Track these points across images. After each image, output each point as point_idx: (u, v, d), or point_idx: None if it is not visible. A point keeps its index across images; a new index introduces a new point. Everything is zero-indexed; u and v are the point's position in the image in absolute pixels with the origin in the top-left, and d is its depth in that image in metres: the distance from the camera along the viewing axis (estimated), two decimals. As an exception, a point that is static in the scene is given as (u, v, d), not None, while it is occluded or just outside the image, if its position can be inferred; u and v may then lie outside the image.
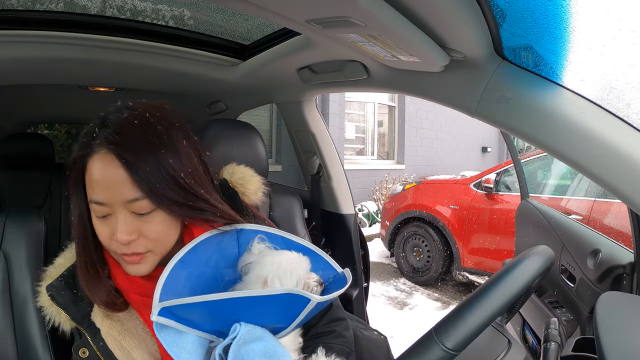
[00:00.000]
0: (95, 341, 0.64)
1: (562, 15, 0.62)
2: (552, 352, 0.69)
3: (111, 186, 0.58)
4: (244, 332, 0.59)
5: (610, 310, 0.60)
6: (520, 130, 0.79)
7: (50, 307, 0.67)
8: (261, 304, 0.58)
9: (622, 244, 1.08)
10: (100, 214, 0.61)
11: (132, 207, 0.60)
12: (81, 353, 0.64)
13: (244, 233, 0.71)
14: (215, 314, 0.59)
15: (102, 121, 0.64)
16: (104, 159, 0.59)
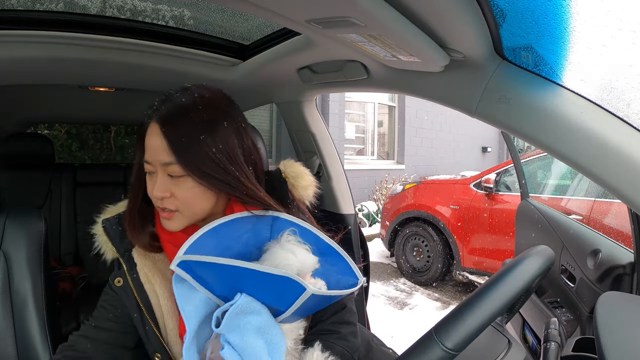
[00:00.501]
0: (131, 273, 0.75)
1: (562, 15, 0.62)
2: (552, 352, 0.69)
3: (154, 149, 0.70)
4: (243, 301, 0.63)
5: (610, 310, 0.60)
6: (520, 130, 0.79)
7: (101, 236, 0.79)
8: (262, 281, 0.62)
9: (622, 244, 1.09)
10: (147, 170, 0.73)
11: (167, 170, 0.71)
12: (116, 282, 0.76)
13: (279, 221, 0.76)
14: (225, 278, 0.64)
15: (164, 97, 0.74)
16: (153, 128, 0.71)
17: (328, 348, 0.72)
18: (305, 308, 0.65)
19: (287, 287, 0.61)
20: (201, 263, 0.62)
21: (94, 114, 2.33)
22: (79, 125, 3.96)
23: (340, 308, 0.81)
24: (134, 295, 0.75)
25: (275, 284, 0.62)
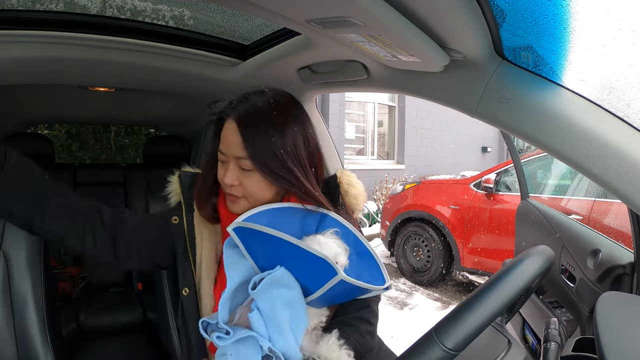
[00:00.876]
0: (187, 216, 0.88)
1: (562, 15, 0.62)
2: (552, 352, 0.69)
3: (230, 143, 0.81)
4: (281, 273, 0.71)
5: (610, 310, 0.60)
6: (520, 130, 0.79)
7: (175, 183, 0.93)
8: (301, 258, 0.69)
9: (622, 244, 1.08)
10: (221, 159, 0.84)
11: (239, 162, 0.81)
12: (173, 219, 0.88)
13: (327, 220, 0.85)
14: (269, 250, 0.72)
15: (243, 97, 0.85)
16: (231, 124, 0.81)
17: (344, 337, 0.76)
18: (332, 294, 0.72)
19: (321, 269, 0.68)
20: (253, 232, 0.70)
21: (94, 114, 2.33)
22: (79, 125, 3.96)
23: (364, 306, 0.87)
24: (184, 232, 0.87)
25: (311, 264, 0.69)
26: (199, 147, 1.14)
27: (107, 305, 1.93)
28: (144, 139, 3.93)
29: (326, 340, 0.75)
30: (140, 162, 3.25)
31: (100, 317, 1.85)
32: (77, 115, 2.47)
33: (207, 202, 0.89)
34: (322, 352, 0.73)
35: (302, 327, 0.71)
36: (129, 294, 2.10)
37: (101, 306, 1.91)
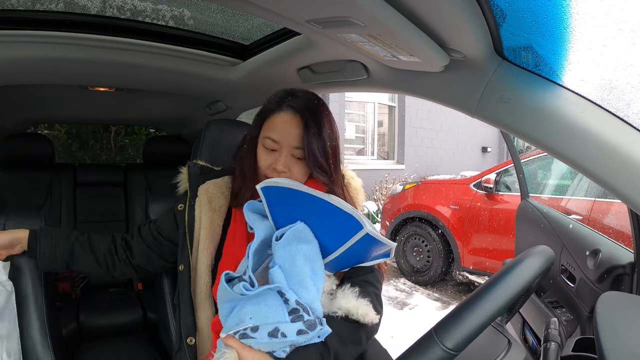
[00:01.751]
0: (191, 202, 0.97)
1: (562, 15, 0.62)
2: (552, 352, 0.69)
3: (288, 133, 0.88)
4: (301, 227, 0.76)
5: (610, 310, 0.60)
6: (520, 130, 0.79)
7: (184, 173, 1.03)
8: (326, 215, 0.73)
9: (622, 244, 1.08)
10: (269, 147, 0.89)
11: (292, 151, 0.89)
12: (178, 207, 0.98)
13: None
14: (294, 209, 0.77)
15: (290, 93, 0.93)
16: (289, 115, 0.89)
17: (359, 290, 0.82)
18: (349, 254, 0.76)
19: (347, 224, 0.72)
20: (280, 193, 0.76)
21: (94, 114, 2.33)
22: (79, 125, 3.96)
23: (368, 271, 0.91)
24: (185, 216, 0.96)
25: (337, 220, 0.73)
26: (199, 147, 1.14)
27: (107, 305, 1.93)
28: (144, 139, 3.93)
29: (342, 291, 0.79)
30: (140, 162, 3.24)
31: (100, 317, 1.84)
32: (77, 115, 2.47)
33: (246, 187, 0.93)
34: (341, 303, 0.77)
35: (321, 281, 0.75)
36: (129, 294, 2.10)
37: (101, 306, 1.91)
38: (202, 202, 0.97)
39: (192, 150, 1.18)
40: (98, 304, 1.92)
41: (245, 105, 1.81)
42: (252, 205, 0.85)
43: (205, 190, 0.98)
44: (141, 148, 2.78)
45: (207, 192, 0.98)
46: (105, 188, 2.32)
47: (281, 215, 0.80)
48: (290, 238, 0.74)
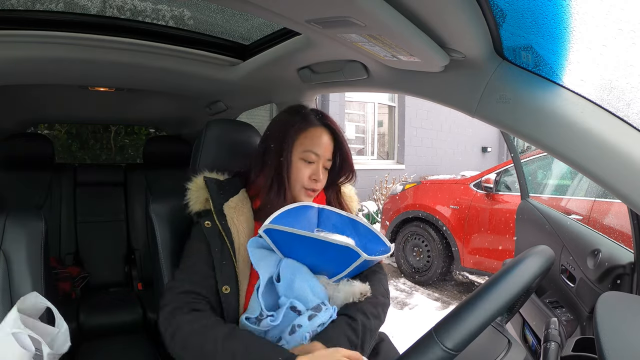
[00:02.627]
0: (219, 219, 0.93)
1: (562, 15, 0.62)
2: (552, 352, 0.69)
3: (325, 147, 0.98)
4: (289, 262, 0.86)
5: (610, 310, 0.60)
6: (520, 130, 0.79)
7: (197, 190, 0.98)
8: (328, 249, 0.81)
9: (622, 244, 1.08)
10: (310, 160, 0.97)
11: (326, 163, 0.99)
12: (206, 224, 0.93)
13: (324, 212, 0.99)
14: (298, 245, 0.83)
15: (317, 111, 1.03)
16: (323, 130, 0.99)
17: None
18: (355, 271, 0.86)
19: (346, 254, 0.81)
20: (282, 231, 0.81)
21: (94, 114, 2.33)
22: (79, 125, 3.96)
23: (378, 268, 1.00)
24: (219, 232, 0.92)
25: (337, 252, 0.81)
26: (199, 147, 1.14)
27: (107, 305, 1.93)
28: (144, 139, 3.93)
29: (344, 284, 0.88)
30: (140, 162, 3.24)
31: (100, 317, 1.85)
32: (77, 115, 2.47)
33: (280, 197, 0.95)
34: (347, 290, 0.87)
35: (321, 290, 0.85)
36: (129, 294, 2.10)
37: (101, 306, 1.91)
38: (237, 220, 0.95)
39: (193, 150, 1.18)
40: (98, 304, 1.92)
41: (245, 105, 1.81)
42: (255, 242, 0.88)
43: (234, 208, 0.96)
44: (141, 148, 2.78)
45: (235, 210, 0.96)
46: (105, 188, 2.32)
47: (287, 250, 0.86)
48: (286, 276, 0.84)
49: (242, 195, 0.98)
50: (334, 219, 0.97)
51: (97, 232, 2.22)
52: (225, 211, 0.94)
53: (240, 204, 0.97)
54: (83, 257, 2.19)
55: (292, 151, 0.96)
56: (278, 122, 1.02)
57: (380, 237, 0.94)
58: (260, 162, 0.99)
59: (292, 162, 0.96)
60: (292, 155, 0.96)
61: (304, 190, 0.97)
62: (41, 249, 1.03)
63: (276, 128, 1.00)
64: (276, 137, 0.98)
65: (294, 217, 0.89)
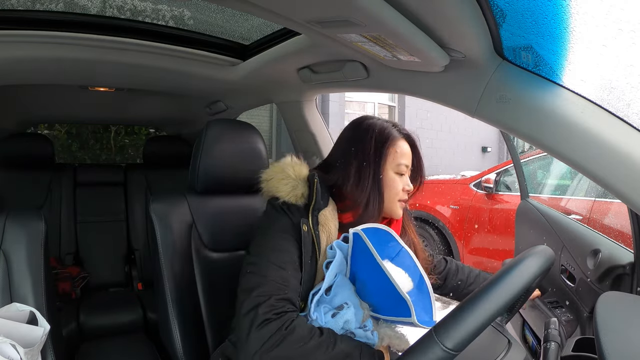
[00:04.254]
0: (315, 227, 0.87)
1: (562, 15, 0.62)
2: (552, 352, 0.69)
3: (410, 157, 0.97)
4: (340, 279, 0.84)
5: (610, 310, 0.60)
6: (520, 130, 0.79)
7: (301, 181, 0.91)
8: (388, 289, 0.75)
9: (622, 244, 1.08)
10: (403, 172, 0.95)
11: (409, 171, 0.97)
12: (303, 227, 0.86)
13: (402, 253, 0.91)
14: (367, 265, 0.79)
15: (392, 122, 0.98)
16: (405, 142, 0.96)
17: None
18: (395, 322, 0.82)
19: (399, 306, 0.74)
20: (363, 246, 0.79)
21: (94, 114, 2.33)
22: (79, 125, 3.96)
23: None
24: (313, 245, 0.86)
25: (393, 298, 0.75)
26: (200, 147, 1.14)
27: (107, 305, 1.93)
28: (144, 139, 3.93)
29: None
30: (140, 162, 3.24)
31: (100, 317, 1.84)
32: (77, 115, 2.47)
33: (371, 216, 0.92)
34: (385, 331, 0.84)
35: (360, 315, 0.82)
36: (129, 294, 2.10)
37: (101, 306, 1.91)
38: (323, 232, 0.89)
39: (193, 150, 1.18)
40: (98, 304, 1.92)
41: (245, 105, 1.81)
42: (338, 244, 0.86)
43: (328, 218, 0.91)
44: (141, 148, 2.78)
45: (327, 219, 0.90)
46: (105, 188, 2.32)
47: (357, 264, 0.83)
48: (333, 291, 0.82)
49: (333, 205, 0.94)
50: (408, 264, 0.89)
51: (97, 232, 2.22)
52: (320, 219, 0.89)
53: (332, 215, 0.92)
54: (83, 257, 2.19)
55: (386, 167, 0.94)
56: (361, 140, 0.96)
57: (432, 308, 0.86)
58: (352, 180, 0.93)
59: (388, 177, 0.94)
60: (387, 171, 0.94)
61: (399, 202, 0.97)
62: (41, 249, 1.03)
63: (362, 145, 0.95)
64: (366, 155, 0.93)
65: (379, 238, 0.86)
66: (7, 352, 0.79)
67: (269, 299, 0.75)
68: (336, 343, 0.75)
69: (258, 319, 0.73)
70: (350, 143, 0.97)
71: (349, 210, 0.94)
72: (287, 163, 0.94)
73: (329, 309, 0.80)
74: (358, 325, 0.81)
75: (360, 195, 0.92)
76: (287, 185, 0.90)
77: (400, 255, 0.90)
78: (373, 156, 0.93)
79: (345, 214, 0.94)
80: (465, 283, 1.14)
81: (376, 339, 0.80)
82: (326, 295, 0.81)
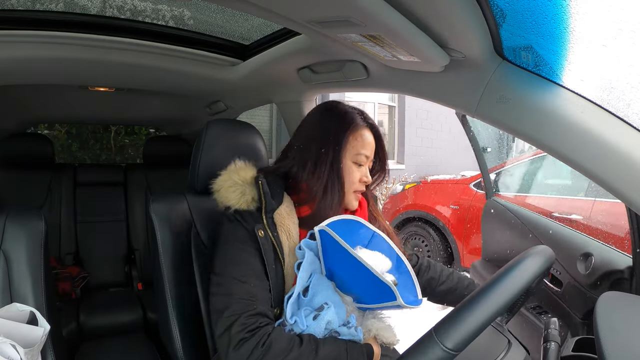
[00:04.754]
0: (271, 230, 0.84)
1: (562, 15, 0.62)
2: (552, 352, 0.69)
3: (372, 148, 0.94)
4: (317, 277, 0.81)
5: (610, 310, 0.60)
6: (520, 130, 0.79)
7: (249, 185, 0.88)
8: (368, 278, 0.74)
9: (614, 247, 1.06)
10: (361, 162, 0.92)
11: (370, 164, 0.95)
12: (259, 232, 0.83)
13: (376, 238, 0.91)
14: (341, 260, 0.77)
15: (360, 110, 0.96)
16: (368, 131, 0.93)
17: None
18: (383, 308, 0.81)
19: (383, 291, 0.74)
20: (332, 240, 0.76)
21: (94, 114, 2.33)
22: (79, 125, 3.96)
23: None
24: (274, 248, 0.83)
25: (375, 285, 0.74)
26: (200, 147, 1.14)
27: (107, 305, 1.93)
28: (144, 139, 3.93)
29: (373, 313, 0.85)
30: (140, 162, 3.24)
31: (100, 317, 1.84)
32: (77, 115, 2.47)
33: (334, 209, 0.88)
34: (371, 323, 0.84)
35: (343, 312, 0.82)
36: (129, 294, 2.10)
37: (101, 306, 1.91)
38: (282, 232, 0.86)
39: (193, 150, 1.18)
40: (98, 304, 1.92)
41: (245, 105, 1.81)
42: (305, 243, 0.83)
43: (283, 217, 0.88)
44: (141, 148, 2.78)
45: (285, 219, 0.87)
46: (105, 188, 2.32)
47: (330, 259, 0.81)
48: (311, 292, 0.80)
49: (288, 201, 0.90)
50: (383, 247, 0.89)
51: (97, 232, 2.22)
52: (275, 219, 0.86)
53: (289, 212, 0.89)
54: (83, 257, 2.19)
55: (345, 155, 0.90)
56: (322, 124, 0.93)
57: (415, 287, 0.88)
58: (309, 166, 0.89)
59: (346, 166, 0.91)
60: (346, 159, 0.91)
61: (355, 193, 0.93)
62: (41, 249, 1.03)
63: (322, 131, 0.92)
64: (325, 141, 0.90)
65: (348, 228, 0.85)
66: (7, 352, 0.78)
67: (239, 318, 0.74)
68: (318, 349, 0.73)
69: (233, 340, 0.73)
70: (311, 126, 0.95)
71: (306, 202, 0.90)
72: (232, 169, 0.90)
73: (310, 311, 0.78)
74: (341, 322, 0.79)
75: (316, 183, 0.88)
76: (235, 192, 0.87)
77: (374, 240, 0.90)
78: (333, 142, 0.89)
79: (303, 207, 0.91)
80: (437, 281, 1.08)
81: (361, 335, 0.79)
82: (304, 297, 0.79)
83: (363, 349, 0.78)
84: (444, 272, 1.10)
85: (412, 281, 0.87)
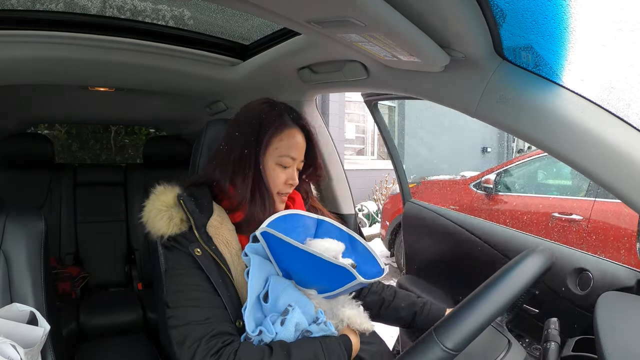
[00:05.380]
0: (208, 245, 0.82)
1: (562, 15, 0.62)
2: (552, 352, 0.69)
3: (301, 149, 0.91)
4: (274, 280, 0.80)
5: (610, 310, 0.60)
6: (520, 130, 0.79)
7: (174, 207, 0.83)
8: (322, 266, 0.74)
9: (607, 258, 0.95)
10: (286, 165, 0.89)
11: (299, 165, 0.93)
12: (196, 252, 0.80)
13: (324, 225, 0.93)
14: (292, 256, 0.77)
15: (290, 108, 0.93)
16: (297, 131, 0.91)
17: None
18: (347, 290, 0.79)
19: (341, 274, 0.74)
20: (277, 238, 0.75)
21: (94, 114, 2.33)
22: (79, 125, 3.96)
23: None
24: (216, 262, 0.81)
25: (332, 271, 0.75)
26: (199, 147, 1.14)
27: (107, 305, 1.93)
28: (144, 139, 3.93)
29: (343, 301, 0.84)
30: (140, 162, 3.24)
31: (100, 317, 1.85)
32: (77, 115, 2.47)
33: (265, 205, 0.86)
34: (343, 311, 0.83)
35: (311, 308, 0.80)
36: (129, 294, 2.10)
37: (101, 306, 1.91)
38: (220, 243, 0.84)
39: (193, 150, 1.18)
40: (98, 304, 1.92)
41: (246, 105, 1.81)
42: (251, 248, 0.82)
43: (217, 228, 0.85)
44: (141, 148, 2.78)
45: (219, 229, 0.85)
46: (105, 188, 2.32)
47: (282, 258, 0.80)
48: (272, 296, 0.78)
49: (218, 209, 0.88)
50: (333, 233, 0.90)
51: (97, 232, 2.22)
52: (210, 232, 0.83)
53: (221, 221, 0.86)
54: (83, 257, 2.19)
55: (268, 156, 0.87)
56: (246, 124, 0.90)
57: (376, 259, 0.88)
58: (232, 168, 0.87)
59: (269, 168, 0.88)
60: (269, 161, 0.88)
61: (279, 196, 0.90)
62: (41, 249, 1.03)
63: (246, 130, 0.88)
64: (248, 141, 0.87)
65: (290, 224, 0.84)
66: (7, 352, 0.78)
67: (200, 344, 0.72)
68: (291, 354, 0.71)
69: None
70: (235, 127, 0.91)
71: (237, 208, 0.88)
72: (153, 198, 0.86)
73: (276, 317, 0.76)
74: (311, 320, 0.78)
75: (242, 186, 0.86)
76: (162, 219, 0.82)
77: (322, 227, 0.92)
78: (255, 143, 0.86)
79: (236, 212, 0.88)
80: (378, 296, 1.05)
81: (332, 327, 0.79)
82: (266, 303, 0.77)
83: (339, 342, 0.77)
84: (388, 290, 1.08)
85: (371, 255, 0.89)
